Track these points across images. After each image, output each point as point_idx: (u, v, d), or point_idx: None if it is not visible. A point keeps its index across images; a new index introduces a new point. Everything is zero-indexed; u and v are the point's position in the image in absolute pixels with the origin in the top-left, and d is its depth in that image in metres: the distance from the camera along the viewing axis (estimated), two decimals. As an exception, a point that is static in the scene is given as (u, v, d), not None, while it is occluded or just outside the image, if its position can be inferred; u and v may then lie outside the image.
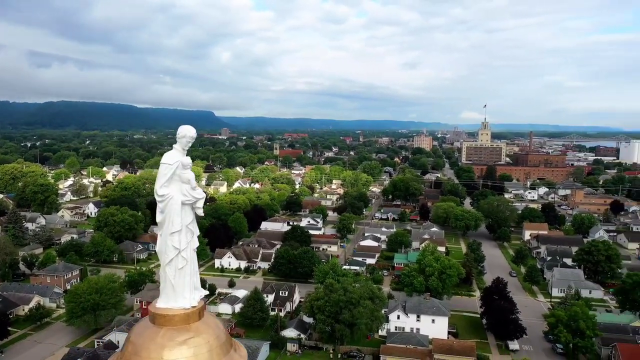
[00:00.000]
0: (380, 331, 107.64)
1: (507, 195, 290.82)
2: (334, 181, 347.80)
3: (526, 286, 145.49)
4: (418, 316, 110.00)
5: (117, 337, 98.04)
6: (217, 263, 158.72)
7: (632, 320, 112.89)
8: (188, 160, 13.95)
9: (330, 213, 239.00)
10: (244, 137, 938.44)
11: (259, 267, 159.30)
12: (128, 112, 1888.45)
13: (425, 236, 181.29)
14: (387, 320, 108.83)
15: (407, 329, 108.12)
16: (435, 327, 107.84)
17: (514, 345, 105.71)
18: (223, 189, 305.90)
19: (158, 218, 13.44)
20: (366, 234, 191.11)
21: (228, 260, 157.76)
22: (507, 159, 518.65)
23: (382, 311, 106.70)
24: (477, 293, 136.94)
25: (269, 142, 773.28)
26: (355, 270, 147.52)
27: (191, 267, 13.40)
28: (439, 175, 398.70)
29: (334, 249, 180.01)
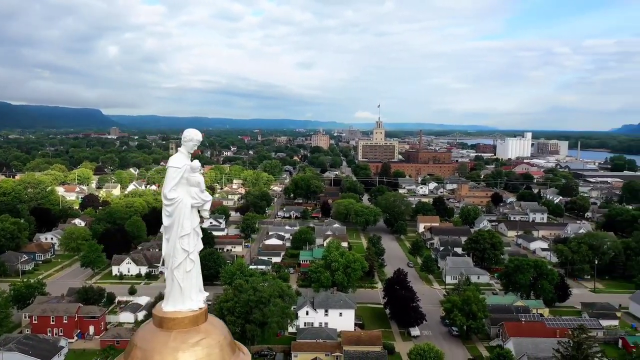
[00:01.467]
0: (290, 328, 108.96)
1: (401, 191, 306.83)
2: (234, 181, 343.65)
3: (423, 275, 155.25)
4: (326, 311, 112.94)
5: (4, 357, 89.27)
6: (115, 270, 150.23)
7: (514, 300, 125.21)
8: (197, 163, 14.29)
9: (232, 213, 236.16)
10: (136, 137, 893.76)
11: (161, 272, 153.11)
12: (0, 110, 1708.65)
13: (328, 233, 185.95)
14: (297, 317, 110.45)
15: (316, 324, 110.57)
16: (343, 320, 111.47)
17: (415, 331, 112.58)
18: (116, 191, 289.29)
19: (166, 222, 13.38)
20: (270, 233, 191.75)
21: (127, 267, 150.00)
22: (400, 157, 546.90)
23: (292, 308, 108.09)
24: (379, 285, 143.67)
25: (164, 142, 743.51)
26: (262, 269, 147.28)
27: (197, 269, 13.63)
28: (337, 173, 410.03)
29: (238, 249, 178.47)
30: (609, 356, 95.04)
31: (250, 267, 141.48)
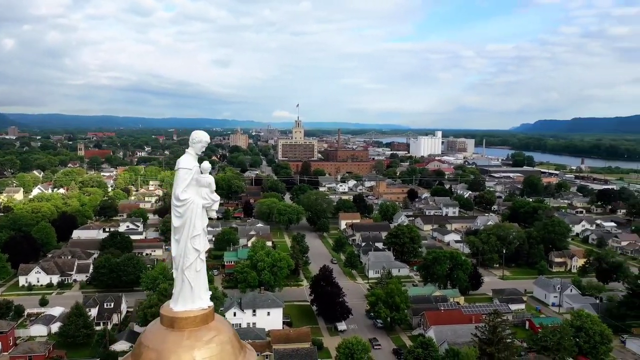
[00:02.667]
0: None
1: (322, 189, 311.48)
2: (151, 182, 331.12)
3: (347, 271, 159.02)
4: (254, 311, 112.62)
5: None
6: (22, 280, 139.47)
7: (433, 291, 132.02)
8: (208, 164, 14.31)
9: (150, 216, 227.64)
10: (39, 137, 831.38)
11: (75, 280, 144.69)
12: None
13: (252, 232, 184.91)
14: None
15: (244, 325, 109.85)
16: (271, 319, 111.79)
17: (342, 326, 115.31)
18: (19, 196, 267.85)
19: (177, 222, 13.42)
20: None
21: (36, 276, 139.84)
22: (319, 155, 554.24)
23: (219, 310, 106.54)
24: (305, 282, 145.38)
25: (71, 142, 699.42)
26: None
27: (205, 268, 13.90)
28: (258, 172, 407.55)
29: (159, 252, 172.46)
30: (518, 337, 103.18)
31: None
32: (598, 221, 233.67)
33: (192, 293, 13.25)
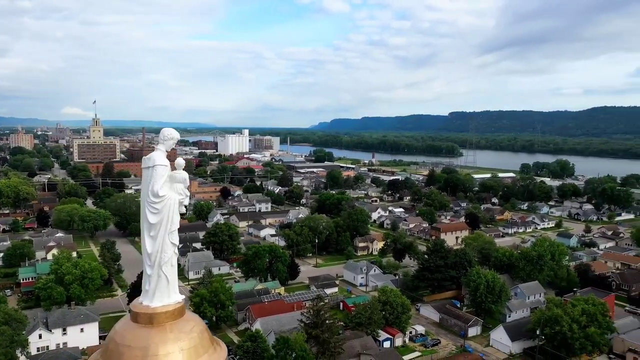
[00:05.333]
0: (22, 357, 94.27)
1: (128, 191, 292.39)
2: None
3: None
4: (64, 329, 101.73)
5: None
6: None
7: (255, 285, 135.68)
8: (182, 160, 14.10)
9: None
10: None
11: None
12: None
13: (52, 243, 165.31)
14: (28, 343, 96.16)
15: (53, 346, 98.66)
16: (86, 336, 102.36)
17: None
18: None
19: (153, 219, 12.85)
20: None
21: None
22: (122, 156, 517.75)
23: (22, 334, 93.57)
24: (120, 291, 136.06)
25: None
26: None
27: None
28: (50, 176, 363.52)
29: None
30: (336, 318, 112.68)
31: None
32: (390, 208, 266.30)
33: (168, 288, 13.08)
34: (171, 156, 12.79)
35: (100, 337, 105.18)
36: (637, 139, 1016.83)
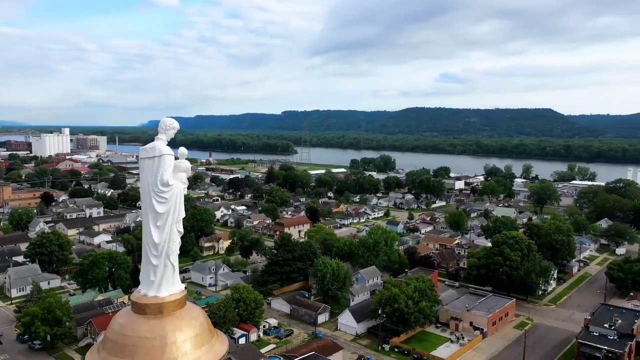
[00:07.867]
0: None
1: None
2: None
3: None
4: None
5: None
6: None
7: (95, 296, 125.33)
8: (185, 149, 13.94)
9: None
10: None
11: None
12: None
13: None
14: None
15: None
16: None
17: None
18: None
19: (161, 209, 12.22)
20: None
21: None
22: None
23: None
24: None
25: None
26: None
27: None
28: None
29: None
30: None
31: None
32: (232, 206, 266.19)
33: (173, 277, 12.52)
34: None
35: None
36: (442, 137, 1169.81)
